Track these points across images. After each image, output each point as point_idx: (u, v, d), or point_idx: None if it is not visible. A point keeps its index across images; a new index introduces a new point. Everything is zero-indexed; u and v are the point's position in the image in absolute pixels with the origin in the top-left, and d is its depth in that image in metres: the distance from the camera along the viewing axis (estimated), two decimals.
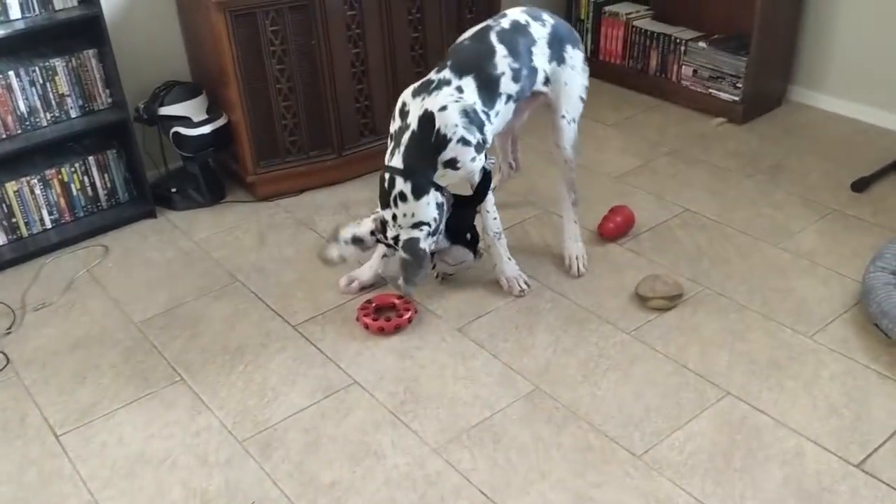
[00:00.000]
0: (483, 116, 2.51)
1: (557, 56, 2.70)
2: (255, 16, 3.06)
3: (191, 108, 3.24)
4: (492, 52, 2.55)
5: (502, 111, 2.60)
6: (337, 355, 2.54)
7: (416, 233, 2.50)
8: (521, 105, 2.73)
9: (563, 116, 2.75)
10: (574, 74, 2.74)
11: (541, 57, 2.66)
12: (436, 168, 2.48)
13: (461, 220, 2.66)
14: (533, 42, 2.64)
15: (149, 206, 3.31)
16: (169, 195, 3.36)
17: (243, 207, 3.37)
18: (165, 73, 3.39)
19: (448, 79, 2.49)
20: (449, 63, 2.53)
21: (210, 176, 3.40)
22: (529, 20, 2.66)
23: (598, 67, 3.97)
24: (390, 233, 2.54)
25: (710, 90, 3.84)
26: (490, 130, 2.56)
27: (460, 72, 2.50)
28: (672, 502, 2.00)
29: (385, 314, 2.66)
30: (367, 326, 2.60)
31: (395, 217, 2.50)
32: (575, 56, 2.74)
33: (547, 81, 2.70)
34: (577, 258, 2.86)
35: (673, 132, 3.75)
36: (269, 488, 2.11)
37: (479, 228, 2.74)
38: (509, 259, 2.76)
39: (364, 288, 2.81)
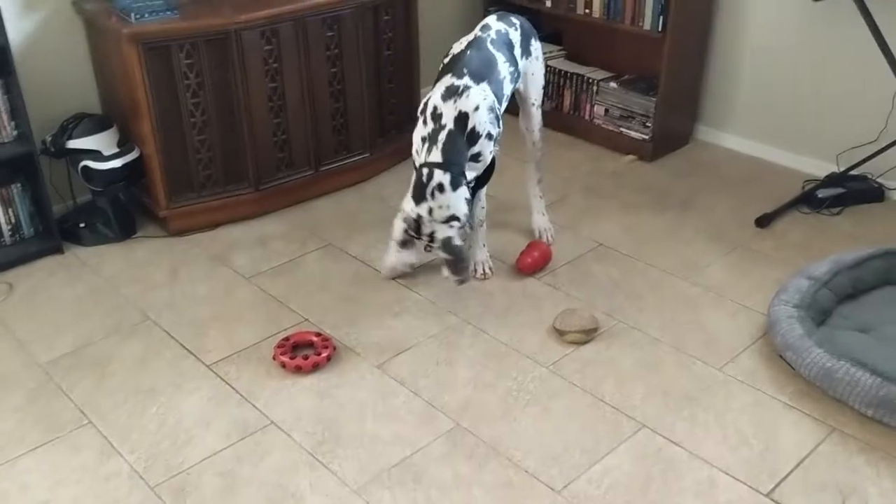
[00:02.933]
0: (498, 112, 2.80)
1: (526, 51, 3.00)
2: (169, 49, 3.01)
3: (101, 142, 3.15)
4: (494, 59, 2.81)
5: (502, 109, 2.88)
6: (253, 395, 2.49)
7: (449, 231, 2.64)
8: None
9: (533, 104, 3.13)
10: (538, 64, 3.08)
11: (519, 57, 2.95)
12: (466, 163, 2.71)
13: None
14: (513, 46, 2.92)
15: (55, 241, 3.19)
16: (77, 230, 3.25)
17: (155, 243, 3.29)
18: (74, 105, 3.29)
19: (472, 84, 2.70)
20: (466, 71, 2.73)
21: (121, 210, 3.31)
22: (507, 28, 2.93)
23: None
24: (425, 229, 2.66)
25: (622, 128, 3.96)
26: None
27: (478, 78, 2.73)
28: None
29: (303, 352, 2.62)
30: (284, 365, 2.56)
31: (430, 211, 2.63)
32: (537, 47, 3.07)
33: (520, 76, 3.00)
34: (545, 230, 3.26)
35: (586, 169, 3.85)
36: None
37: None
38: (483, 246, 3.06)
39: (413, 267, 2.99)
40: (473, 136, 2.67)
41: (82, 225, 3.25)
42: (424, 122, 2.71)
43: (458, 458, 2.25)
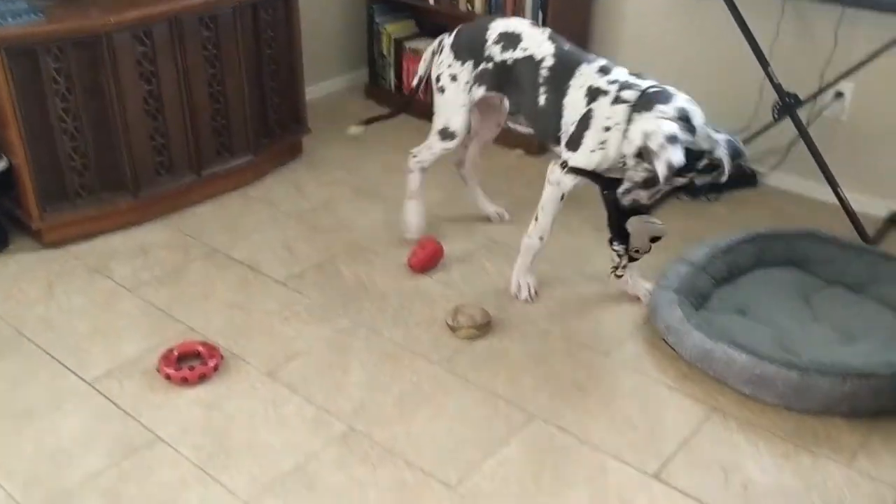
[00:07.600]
0: None
1: None
2: (35, 53, 2.86)
3: None
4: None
5: None
6: (137, 410, 2.40)
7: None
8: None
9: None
10: None
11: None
12: None
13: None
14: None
15: None
16: None
17: (29, 256, 3.13)
18: None
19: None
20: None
21: None
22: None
23: (402, 102, 4.03)
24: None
25: (509, 124, 3.99)
26: None
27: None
28: None
29: (188, 363, 2.54)
30: (169, 377, 2.48)
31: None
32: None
33: None
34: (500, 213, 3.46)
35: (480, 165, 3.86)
36: None
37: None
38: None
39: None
40: None
41: None
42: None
43: (351, 463, 2.23)
